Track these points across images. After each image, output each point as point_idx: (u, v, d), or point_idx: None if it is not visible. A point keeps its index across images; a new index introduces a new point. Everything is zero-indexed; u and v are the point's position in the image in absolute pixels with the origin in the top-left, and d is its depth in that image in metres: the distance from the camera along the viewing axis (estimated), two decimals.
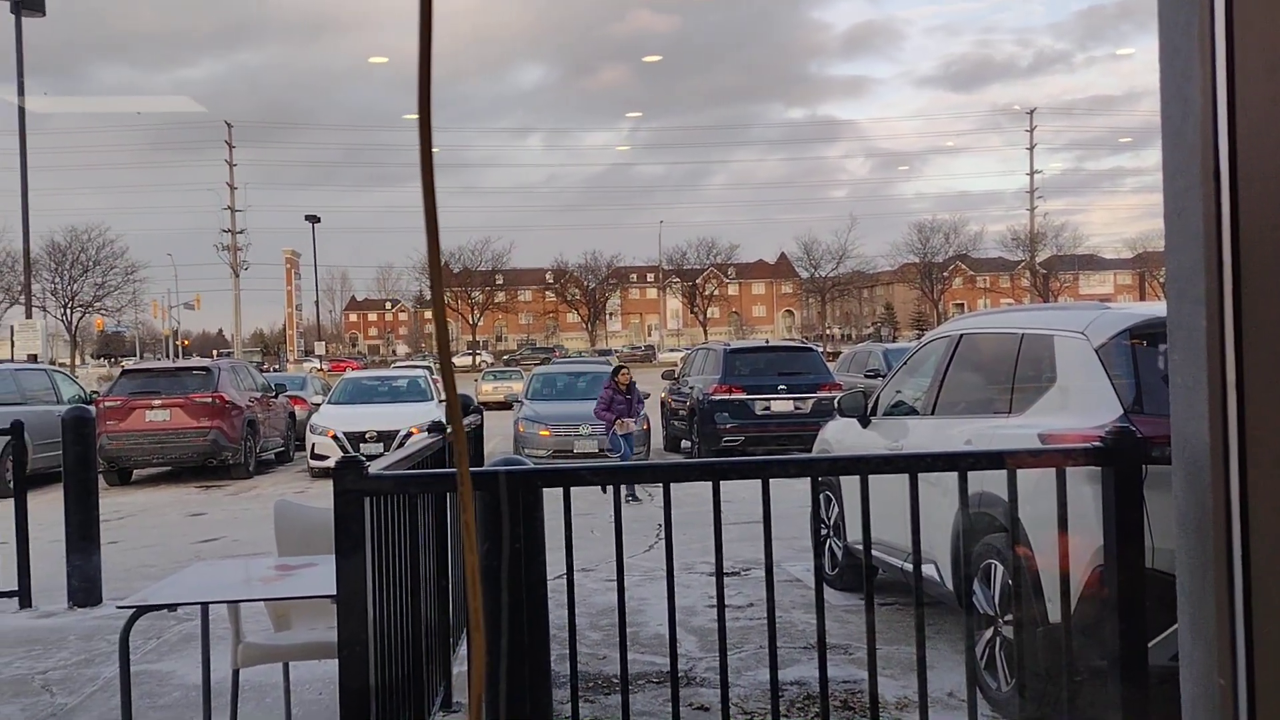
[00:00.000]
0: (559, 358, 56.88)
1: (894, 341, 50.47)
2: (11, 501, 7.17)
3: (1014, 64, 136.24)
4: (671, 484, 3.19)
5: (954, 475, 3.10)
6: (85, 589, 6.93)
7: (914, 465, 3.03)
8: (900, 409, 6.60)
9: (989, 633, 4.75)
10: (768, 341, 21.36)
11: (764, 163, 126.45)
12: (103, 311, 64.31)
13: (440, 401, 17.37)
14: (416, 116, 0.72)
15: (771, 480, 3.08)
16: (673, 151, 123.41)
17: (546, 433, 14.82)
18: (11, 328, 35.34)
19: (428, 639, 3.86)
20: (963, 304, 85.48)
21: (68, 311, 63.01)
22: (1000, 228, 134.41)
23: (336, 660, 4.28)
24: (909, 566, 5.46)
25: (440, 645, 4.37)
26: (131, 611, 3.56)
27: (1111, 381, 4.43)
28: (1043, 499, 3.21)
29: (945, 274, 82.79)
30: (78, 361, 63.79)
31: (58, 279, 62.91)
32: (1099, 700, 3.01)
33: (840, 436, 7.20)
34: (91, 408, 8.10)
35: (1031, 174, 74.44)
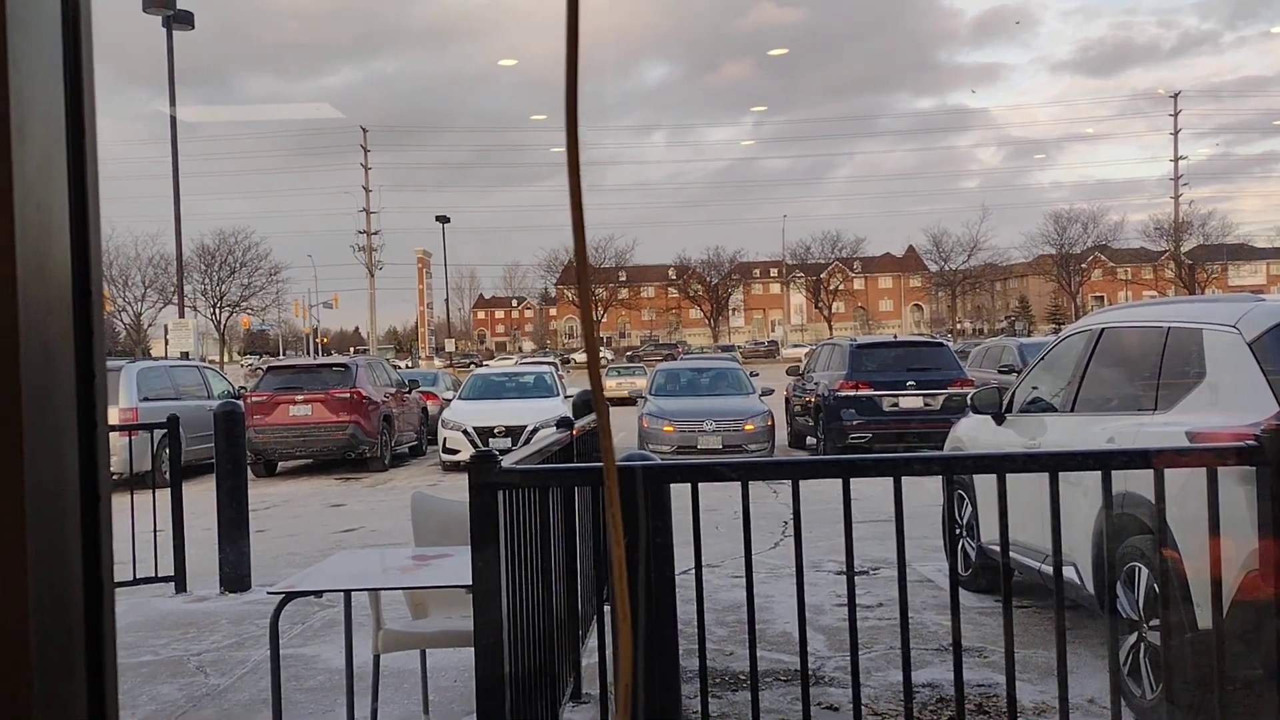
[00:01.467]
0: (682, 354, 57.02)
1: (1029, 336, 48.85)
2: (168, 491, 7.57)
3: (1156, 46, 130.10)
4: (798, 480, 3.17)
5: (1095, 475, 3.00)
6: (235, 575, 7.30)
7: (1057, 464, 2.93)
8: (1037, 406, 6.40)
9: (1133, 638, 4.57)
10: (896, 336, 20.94)
11: (891, 154, 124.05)
12: (248, 311, 67.53)
13: (566, 397, 17.64)
14: (565, 121, 0.74)
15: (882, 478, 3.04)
16: (797, 145, 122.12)
17: (670, 428, 14.88)
18: (165, 326, 37.46)
19: (558, 630, 3.94)
20: (1102, 297, 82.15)
21: (216, 311, 66.33)
22: (1142, 217, 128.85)
23: (471, 649, 4.41)
24: (1046, 568, 5.30)
25: (569, 637, 4.44)
26: (281, 597, 3.73)
27: (1266, 377, 4.20)
28: (1191, 500, 3.07)
29: (1083, 265, 79.64)
30: (225, 358, 67.07)
31: (207, 280, 66.27)
32: (1254, 710, 2.86)
33: (974, 434, 7.02)
34: (240, 403, 8.51)
35: (1176, 160, 70.95)
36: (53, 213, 0.94)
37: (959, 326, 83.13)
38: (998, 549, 2.97)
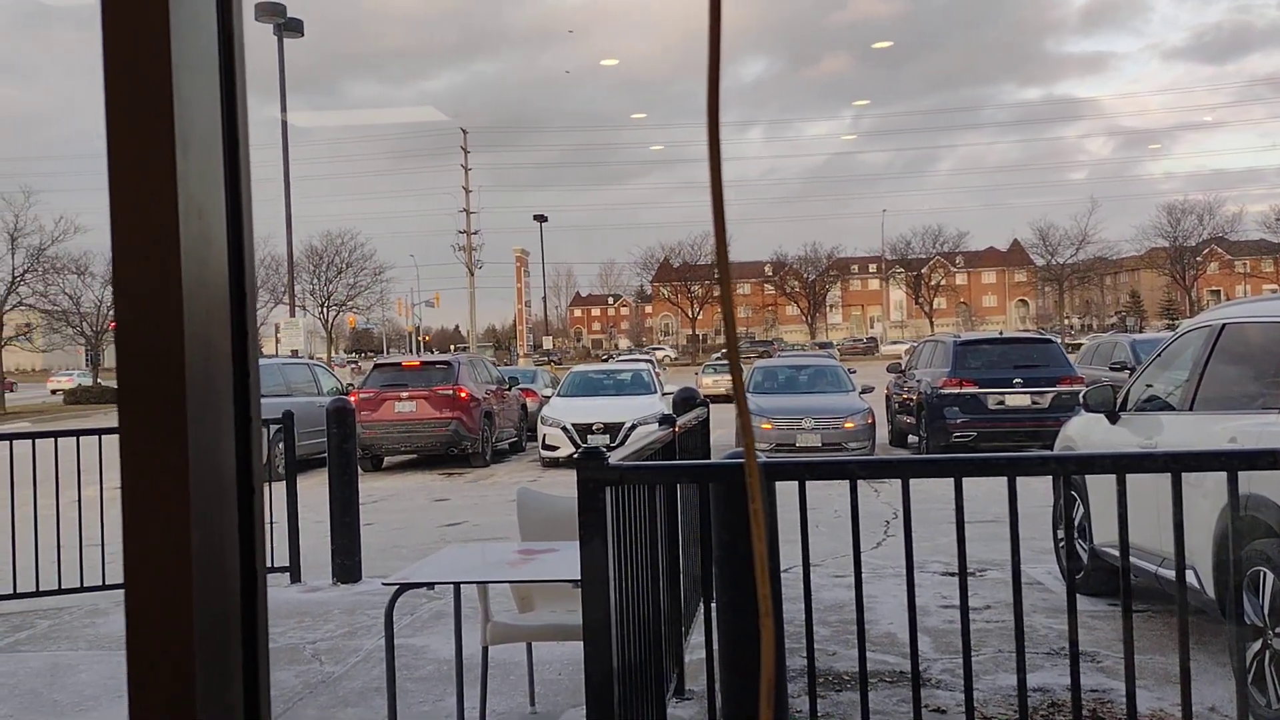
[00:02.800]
0: (778, 351, 56.56)
1: (1141, 332, 47.13)
2: (281, 485, 7.83)
3: (1277, 30, 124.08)
4: (908, 480, 3.12)
5: (1216, 476, 2.89)
6: (347, 566, 7.52)
7: (1179, 464, 2.83)
8: (1153, 404, 6.19)
9: (1257, 645, 4.40)
10: (1001, 333, 20.44)
11: (995, 146, 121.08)
12: (354, 310, 69.41)
13: (664, 394, 17.68)
14: (706, 119, 0.75)
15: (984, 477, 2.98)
16: (897, 138, 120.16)
17: (769, 426, 14.79)
18: (276, 325, 38.70)
19: (664, 626, 3.96)
20: (1219, 291, 78.77)
21: (324, 310, 68.31)
22: (1262, 208, 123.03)
23: (575, 642, 4.47)
24: (1163, 571, 5.12)
25: (673, 633, 4.46)
26: (395, 588, 3.84)
27: None
28: None
29: (1199, 259, 76.49)
30: (332, 356, 69.03)
31: (315, 280, 68.33)
32: None
33: (1086, 433, 6.82)
34: (350, 399, 8.75)
35: None
36: (211, 218, 0.99)
37: (1067, 322, 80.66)
38: (1110, 551, 2.89)
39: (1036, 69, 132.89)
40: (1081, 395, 6.90)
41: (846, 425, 14.72)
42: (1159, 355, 6.37)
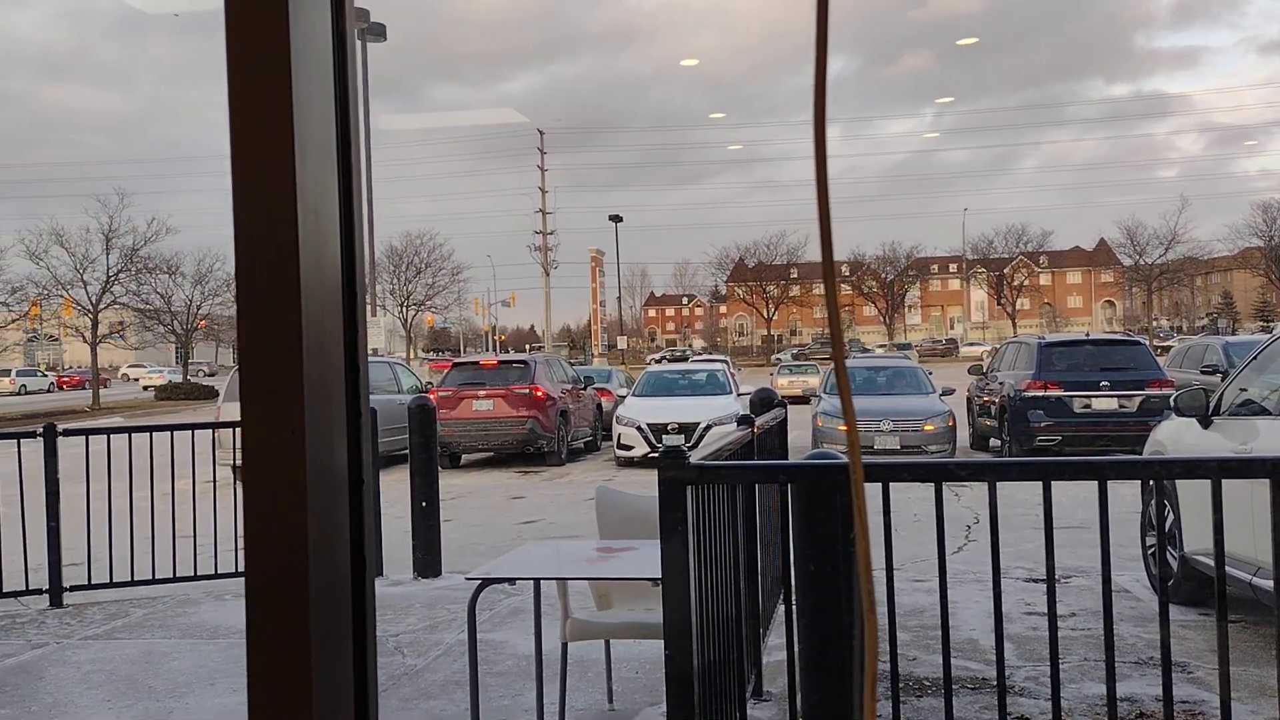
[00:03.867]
0: (858, 353, 55.92)
1: (1234, 334, 45.56)
2: None
3: None
4: (995, 483, 3.08)
5: None
6: (428, 561, 7.65)
7: None
8: (1249, 408, 5.99)
9: None
10: (1088, 334, 19.94)
11: (1081, 143, 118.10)
12: (432, 309, 70.49)
13: (739, 395, 17.62)
14: (813, 118, 0.76)
15: (1068, 482, 2.91)
16: (979, 136, 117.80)
17: (845, 428, 14.66)
18: None
19: (743, 626, 3.96)
20: None
21: (403, 309, 69.49)
22: None
23: (653, 641, 4.49)
24: (1259, 581, 4.95)
25: (752, 634, 4.46)
26: (477, 583, 3.90)
27: None
28: None
29: None
30: (411, 355, 70.23)
31: (395, 280, 69.50)
32: None
33: (1176, 438, 6.63)
34: (431, 398, 8.90)
35: None
36: (326, 220, 1.03)
37: (1155, 324, 78.38)
38: (1202, 559, 2.81)
39: (1125, 64, 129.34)
40: (1173, 399, 6.71)
41: (926, 428, 14.52)
42: (1254, 358, 6.17)
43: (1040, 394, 14.50)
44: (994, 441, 16.09)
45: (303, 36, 0.97)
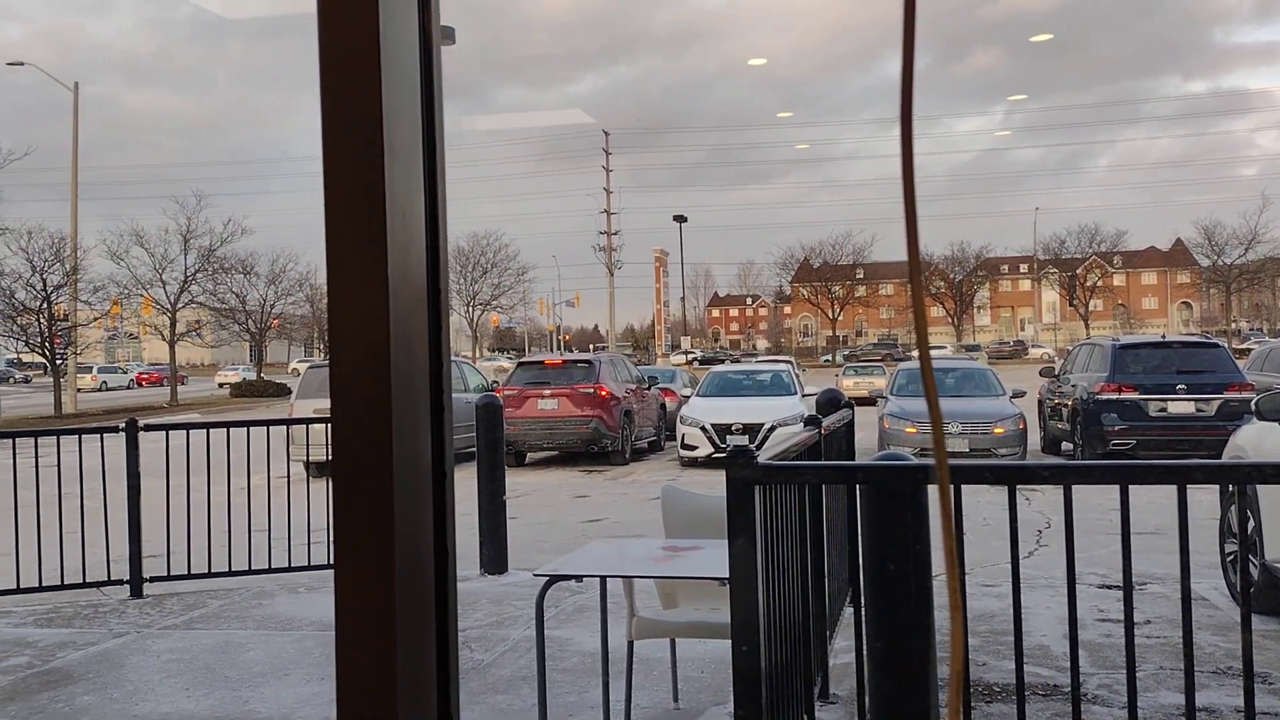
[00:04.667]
0: (903, 351, 55.22)
1: None
2: None
3: None
4: (1070, 487, 3.02)
5: None
6: (494, 557, 7.73)
7: None
8: None
9: None
10: (1164, 336, 19.46)
11: (1157, 141, 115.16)
12: (498, 309, 71.20)
13: (804, 396, 17.50)
14: (899, 119, 0.76)
15: (1142, 487, 2.84)
16: (1051, 134, 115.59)
17: (913, 430, 14.49)
18: None
19: (810, 628, 3.94)
20: None
21: (469, 309, 70.28)
22: None
23: (718, 640, 4.49)
24: None
25: (819, 636, 4.43)
26: (545, 580, 3.94)
27: None
28: None
29: None
30: (476, 355, 70.98)
31: (461, 280, 70.29)
32: None
33: (1258, 442, 6.44)
34: (498, 396, 8.99)
35: None
36: (413, 222, 1.05)
37: (1234, 326, 76.09)
38: None
39: (1203, 60, 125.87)
40: (1254, 402, 6.53)
41: (996, 430, 14.29)
42: None
43: (1114, 397, 14.18)
44: (1066, 445, 15.78)
45: (392, 39, 0.99)
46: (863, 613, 3.22)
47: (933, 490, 3.11)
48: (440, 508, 1.08)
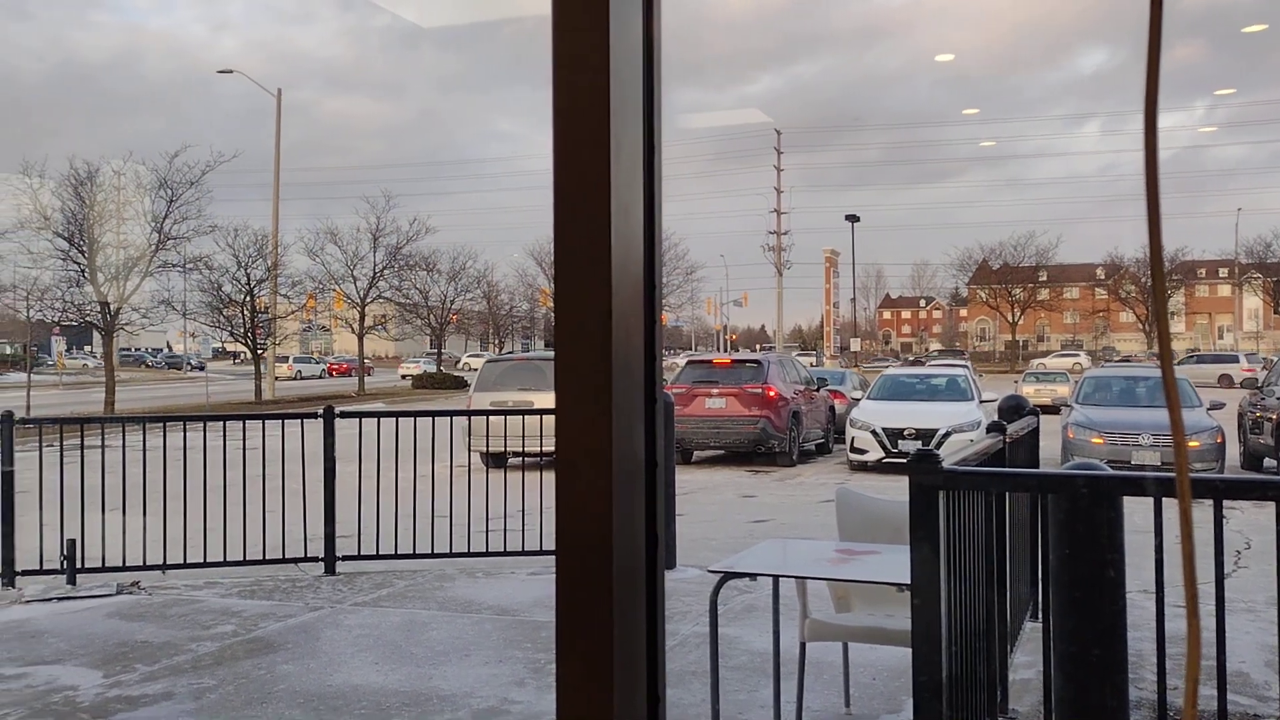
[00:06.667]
0: (1110, 361, 52.42)
1: None
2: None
3: None
4: (1257, 507, 2.83)
5: None
6: (665, 554, 7.82)
7: None
8: None
9: None
10: None
11: None
12: (666, 308, 71.78)
13: (982, 401, 16.92)
14: (1142, 119, 0.74)
15: None
16: (1259, 130, 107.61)
17: (1099, 440, 13.80)
18: None
19: (992, 640, 3.82)
20: None
21: None
22: None
23: (891, 647, 4.41)
24: None
25: (1000, 649, 4.29)
26: (719, 576, 3.96)
27: None
28: None
29: None
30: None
31: None
32: None
33: None
34: (671, 395, 9.08)
35: None
36: (633, 217, 1.09)
37: None
38: None
39: None
40: None
41: (1191, 444, 13.45)
42: None
43: None
44: (1269, 461, 14.71)
45: (619, 39, 1.03)
46: (1050, 627, 3.11)
47: (1130, 503, 2.97)
48: (651, 497, 1.11)
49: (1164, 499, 2.86)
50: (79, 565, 7.29)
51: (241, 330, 36.04)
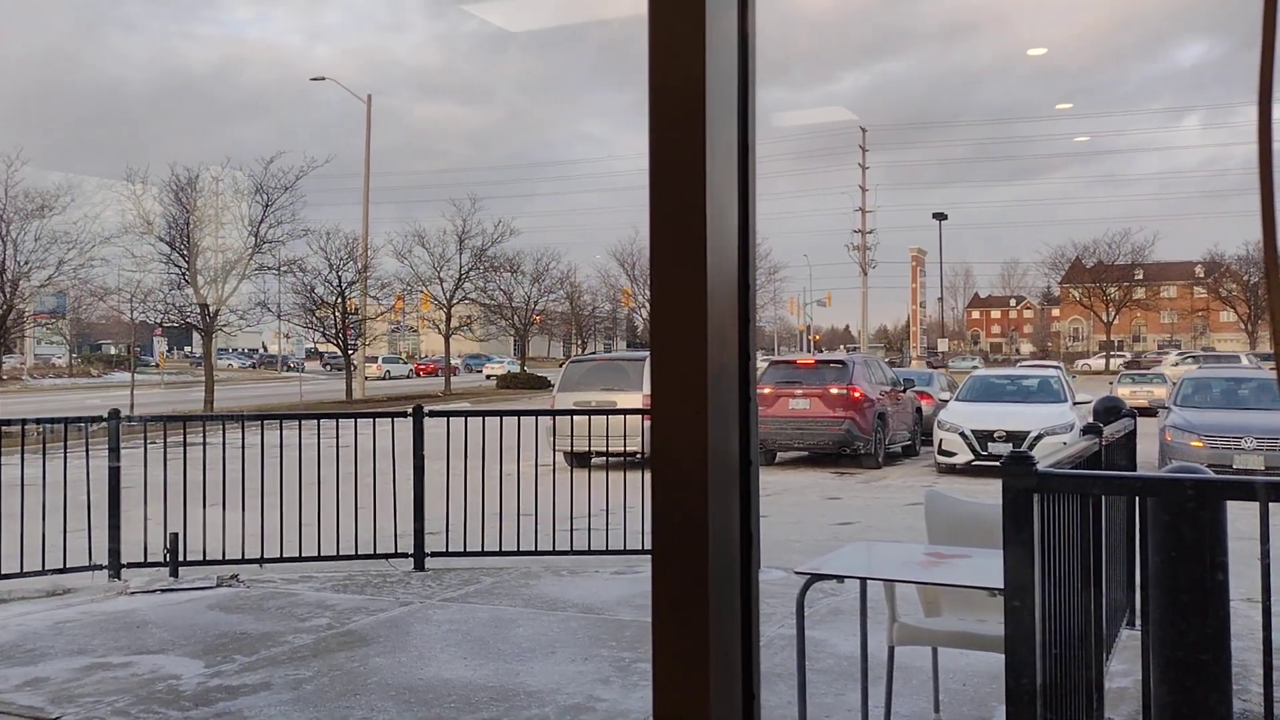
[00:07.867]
0: (1203, 363, 50.56)
1: None
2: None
3: None
4: None
5: None
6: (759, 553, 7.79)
7: None
8: None
9: None
10: None
11: None
12: None
13: (1075, 403, 16.50)
14: (1256, 113, 0.72)
15: None
16: None
17: (1199, 444, 13.34)
18: None
19: (1088, 647, 3.73)
20: None
21: None
22: None
23: (981, 653, 4.32)
24: None
25: (1095, 657, 4.18)
26: (806, 578, 3.94)
27: None
28: None
29: None
30: None
31: None
32: None
33: None
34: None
35: None
36: (728, 221, 1.09)
37: None
38: None
39: None
40: None
41: None
42: None
43: None
44: None
45: (715, 41, 1.04)
46: (1150, 633, 3.02)
47: (1233, 507, 2.87)
48: (745, 497, 1.12)
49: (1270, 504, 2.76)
50: (181, 558, 7.56)
51: (333, 331, 36.95)
